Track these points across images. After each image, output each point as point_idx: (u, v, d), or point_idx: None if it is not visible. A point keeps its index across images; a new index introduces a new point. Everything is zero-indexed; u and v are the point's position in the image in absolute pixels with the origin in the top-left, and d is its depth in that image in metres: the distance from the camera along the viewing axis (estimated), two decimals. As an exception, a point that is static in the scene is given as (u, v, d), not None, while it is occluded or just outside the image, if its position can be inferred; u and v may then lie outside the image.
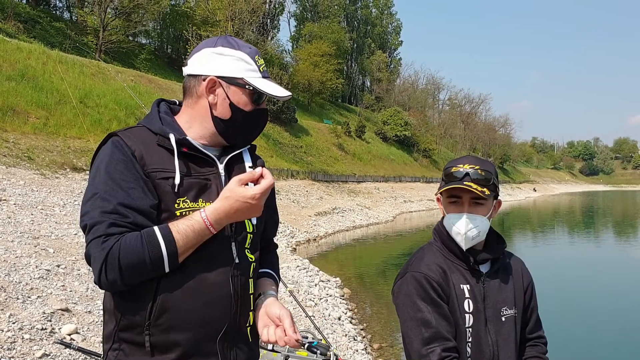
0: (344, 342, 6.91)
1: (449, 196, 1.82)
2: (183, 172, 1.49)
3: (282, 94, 1.58)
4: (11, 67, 17.32)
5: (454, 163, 1.84)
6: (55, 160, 13.60)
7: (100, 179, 1.42)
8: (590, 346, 7.88)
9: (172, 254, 1.38)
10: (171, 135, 1.50)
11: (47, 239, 7.52)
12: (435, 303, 1.74)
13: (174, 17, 38.52)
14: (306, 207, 22.43)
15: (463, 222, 1.77)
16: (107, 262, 1.34)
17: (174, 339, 1.44)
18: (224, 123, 1.56)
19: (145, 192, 1.43)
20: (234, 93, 1.55)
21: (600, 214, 41.12)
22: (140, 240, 1.35)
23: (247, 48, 1.59)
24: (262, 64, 1.60)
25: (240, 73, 1.54)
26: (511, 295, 1.86)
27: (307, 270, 11.02)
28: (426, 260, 1.83)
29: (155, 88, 26.04)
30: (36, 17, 28.69)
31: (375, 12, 79.07)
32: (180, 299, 1.44)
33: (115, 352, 1.47)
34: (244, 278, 1.56)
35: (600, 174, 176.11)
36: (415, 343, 1.72)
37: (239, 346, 1.55)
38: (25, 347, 4.21)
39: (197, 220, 1.40)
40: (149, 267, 1.37)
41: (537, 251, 18.88)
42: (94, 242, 1.36)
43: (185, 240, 1.39)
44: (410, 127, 56.99)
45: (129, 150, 1.45)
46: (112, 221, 1.37)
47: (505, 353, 1.80)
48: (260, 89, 1.54)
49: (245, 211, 1.43)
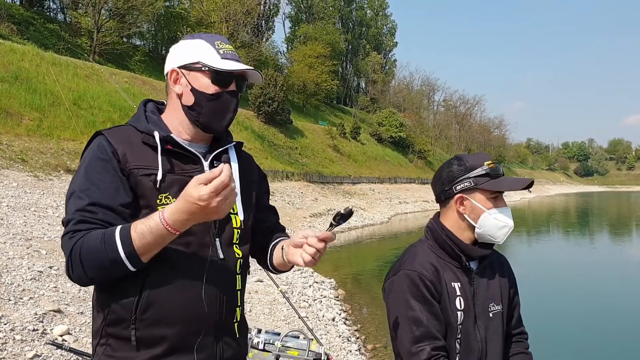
0: (338, 343, 6.91)
1: (494, 192, 1.82)
2: (166, 168, 1.51)
3: (239, 67, 1.56)
4: (4, 69, 17.25)
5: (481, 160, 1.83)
6: (49, 162, 13.55)
7: (79, 177, 1.47)
8: (580, 345, 7.91)
9: (131, 254, 1.36)
10: (155, 133, 1.53)
11: (39, 240, 7.49)
12: (427, 302, 1.76)
13: (168, 19, 38.43)
14: (301, 208, 22.42)
15: (510, 214, 1.82)
16: (71, 258, 1.38)
17: (159, 334, 1.45)
18: (190, 109, 1.58)
19: (119, 191, 1.46)
20: (194, 78, 1.56)
21: (595, 215, 41.30)
22: (100, 239, 1.37)
23: (208, 36, 1.62)
24: (225, 47, 1.59)
25: (197, 57, 1.56)
26: (498, 292, 1.89)
27: (301, 272, 11.01)
28: (419, 259, 1.84)
29: (150, 89, 25.97)
30: (30, 18, 28.57)
31: (370, 13, 79.24)
32: (165, 294, 1.45)
33: (102, 347, 1.48)
34: (230, 274, 1.58)
35: (595, 174, 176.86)
36: (406, 341, 1.74)
37: (225, 341, 1.57)
38: (17, 348, 4.19)
39: (154, 220, 1.37)
40: (107, 265, 1.37)
41: (531, 252, 18.94)
42: (64, 237, 1.41)
43: (142, 241, 1.35)
44: (405, 128, 57.11)
45: (110, 149, 1.49)
46: (80, 218, 1.40)
47: (493, 348, 1.83)
48: (215, 67, 1.54)
49: (200, 213, 1.32)
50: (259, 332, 3.37)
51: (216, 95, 1.57)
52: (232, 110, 1.60)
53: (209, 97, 1.56)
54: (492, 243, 1.89)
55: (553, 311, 9.54)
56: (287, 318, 7.20)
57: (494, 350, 1.82)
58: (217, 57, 1.56)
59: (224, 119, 1.60)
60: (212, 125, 1.60)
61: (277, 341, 3.26)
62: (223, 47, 1.58)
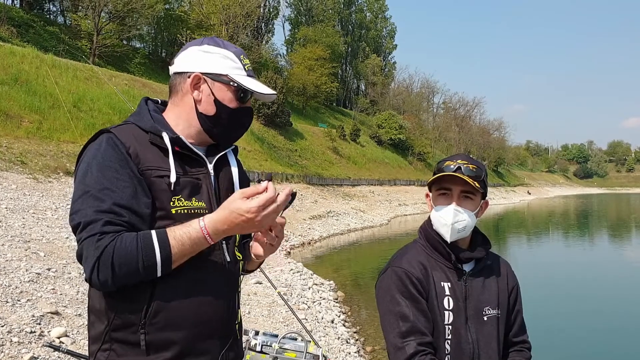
0: (337, 344, 6.89)
1: (439, 189, 1.85)
2: (178, 171, 1.50)
3: (266, 91, 1.60)
4: (4, 71, 17.27)
5: (446, 159, 1.88)
6: (49, 164, 13.55)
7: (93, 176, 1.40)
8: (580, 345, 7.89)
9: (166, 260, 1.36)
10: (164, 134, 1.50)
11: (38, 242, 7.48)
12: (414, 298, 1.77)
13: (168, 21, 38.53)
14: (301, 210, 22.41)
15: (450, 212, 1.79)
16: (100, 261, 1.32)
17: (170, 338, 1.44)
18: (209, 120, 1.57)
19: (139, 191, 1.42)
20: (219, 89, 1.56)
21: (594, 217, 41.29)
22: (135, 243, 1.34)
23: (233, 47, 1.61)
24: (248, 63, 1.61)
25: (225, 70, 1.56)
26: (495, 296, 1.87)
27: (300, 274, 11.01)
28: (408, 257, 1.87)
29: (150, 92, 25.99)
30: (30, 21, 28.66)
31: (369, 16, 79.42)
32: (176, 297, 1.44)
33: (105, 353, 1.45)
34: (234, 276, 1.60)
35: (594, 176, 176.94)
36: (392, 336, 1.76)
37: (229, 343, 1.58)
38: (14, 350, 4.18)
39: (194, 228, 1.38)
40: (140, 270, 1.35)
41: (531, 253, 18.93)
42: (88, 240, 1.34)
43: (181, 248, 1.37)
44: (404, 130, 57.16)
45: (123, 148, 1.45)
46: (107, 219, 1.35)
47: (487, 352, 1.81)
48: (244, 85, 1.56)
49: (243, 225, 1.38)
50: (256, 334, 3.35)
51: (237, 110, 1.59)
52: (247, 126, 1.65)
53: (231, 111, 1.57)
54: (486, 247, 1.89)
55: (552, 311, 9.52)
56: (285, 320, 7.19)
57: (487, 355, 1.81)
58: (243, 74, 1.58)
59: (238, 132, 1.64)
60: (226, 137, 1.62)
61: (274, 343, 3.25)
62: (246, 63, 1.61)
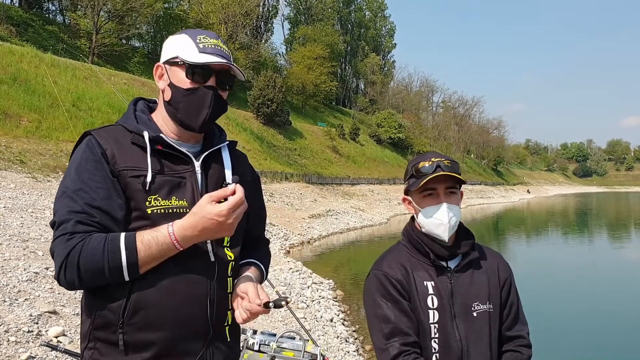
0: (336, 343, 6.88)
1: (422, 191, 1.81)
2: (156, 169, 1.47)
3: (212, 60, 1.48)
4: (3, 71, 17.25)
5: (418, 160, 1.84)
6: (48, 163, 13.54)
7: (70, 178, 1.43)
8: (580, 345, 7.89)
9: (132, 265, 1.36)
10: (145, 133, 1.49)
11: (36, 241, 7.47)
12: (394, 300, 1.77)
13: (167, 20, 38.45)
14: (300, 209, 22.40)
15: (444, 211, 1.77)
16: (67, 261, 1.34)
17: (148, 338, 1.42)
18: (170, 105, 1.54)
19: (111, 193, 1.42)
20: (173, 73, 1.53)
21: (594, 216, 41.30)
22: (102, 245, 1.34)
23: (192, 31, 1.57)
24: (208, 41, 1.52)
25: (176, 52, 1.52)
26: (484, 290, 1.82)
27: (299, 273, 11.00)
28: (389, 259, 1.87)
29: (149, 91, 25.94)
30: (29, 20, 28.61)
31: (368, 15, 79.33)
32: (154, 297, 1.42)
33: (90, 352, 1.45)
34: (221, 277, 1.53)
35: (593, 175, 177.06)
36: (376, 338, 1.78)
37: (216, 345, 1.53)
38: (11, 349, 4.17)
39: (162, 234, 1.37)
40: (106, 273, 1.35)
41: (530, 252, 18.92)
42: (59, 239, 1.36)
43: (148, 252, 1.36)
44: (404, 129, 57.15)
45: (99, 150, 1.45)
46: (78, 219, 1.37)
47: (477, 349, 1.76)
48: (188, 60, 1.49)
49: (213, 229, 1.38)
50: (254, 333, 3.34)
51: (191, 90, 1.50)
52: (208, 106, 1.51)
53: (184, 92, 1.50)
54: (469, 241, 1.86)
55: (552, 311, 9.51)
56: (284, 319, 7.18)
57: (478, 352, 1.76)
58: (194, 51, 1.50)
59: (199, 114, 1.52)
60: (188, 121, 1.53)
61: (272, 342, 3.24)
62: (205, 42, 1.52)
